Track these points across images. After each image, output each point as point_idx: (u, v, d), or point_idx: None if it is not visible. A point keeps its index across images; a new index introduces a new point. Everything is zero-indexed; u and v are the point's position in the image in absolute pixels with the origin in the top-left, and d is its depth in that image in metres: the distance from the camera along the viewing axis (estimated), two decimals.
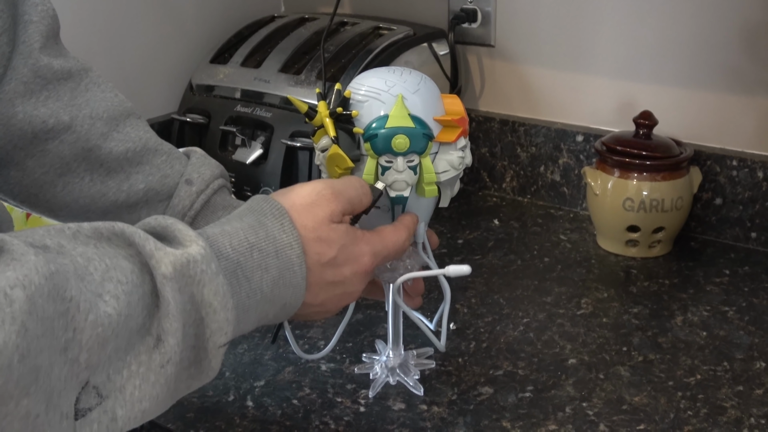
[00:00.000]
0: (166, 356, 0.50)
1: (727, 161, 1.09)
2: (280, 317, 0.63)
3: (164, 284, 0.50)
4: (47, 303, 0.43)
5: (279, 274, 0.59)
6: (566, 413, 0.76)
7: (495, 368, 0.84)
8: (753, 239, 1.09)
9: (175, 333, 0.50)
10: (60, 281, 0.44)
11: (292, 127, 1.12)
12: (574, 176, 1.22)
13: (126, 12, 1.22)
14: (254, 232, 0.59)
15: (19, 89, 0.69)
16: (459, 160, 0.73)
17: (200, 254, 0.52)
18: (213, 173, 0.79)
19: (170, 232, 0.54)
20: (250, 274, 0.57)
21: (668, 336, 0.89)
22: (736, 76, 1.08)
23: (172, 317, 0.50)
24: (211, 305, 0.53)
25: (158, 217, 0.55)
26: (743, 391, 0.79)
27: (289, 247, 0.60)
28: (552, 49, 1.22)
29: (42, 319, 0.43)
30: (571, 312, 0.94)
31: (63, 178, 0.74)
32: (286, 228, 0.60)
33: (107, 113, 0.75)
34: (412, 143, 0.69)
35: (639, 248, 1.07)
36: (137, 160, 0.76)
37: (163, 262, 0.51)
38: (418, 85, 0.71)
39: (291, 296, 0.61)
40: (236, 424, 0.76)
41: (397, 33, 1.20)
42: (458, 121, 0.71)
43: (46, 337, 0.43)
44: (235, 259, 0.57)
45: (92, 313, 0.46)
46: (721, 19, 1.07)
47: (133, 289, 0.49)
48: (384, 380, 0.81)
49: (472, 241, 1.13)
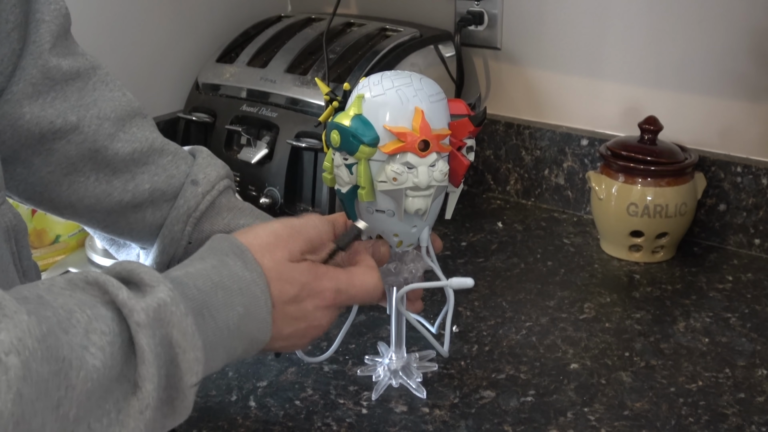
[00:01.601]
0: (144, 402, 0.50)
1: (731, 167, 1.09)
2: (250, 352, 0.62)
3: (138, 332, 0.50)
4: (41, 366, 0.43)
5: (245, 311, 0.60)
6: (568, 418, 0.77)
7: (497, 372, 0.84)
8: (756, 246, 1.10)
9: (152, 378, 0.50)
10: (53, 342, 0.44)
11: (297, 127, 1.13)
12: (579, 180, 1.22)
13: (133, 11, 1.22)
14: (217, 272, 0.59)
15: (27, 90, 0.69)
16: (394, 174, 0.69)
17: (169, 296, 0.53)
18: (219, 174, 0.79)
19: (136, 276, 0.54)
20: (216, 312, 0.58)
21: (670, 342, 0.89)
22: (741, 83, 1.09)
23: (148, 363, 0.50)
24: (180, 345, 0.53)
25: (123, 262, 0.56)
26: (745, 398, 0.80)
27: (254, 284, 0.60)
28: (558, 52, 1.22)
29: (36, 382, 0.43)
30: (573, 316, 0.94)
31: (68, 178, 0.74)
32: (249, 265, 0.61)
33: (114, 113, 0.75)
34: (343, 141, 0.70)
35: (642, 253, 1.07)
36: (143, 160, 0.76)
37: (135, 310, 0.51)
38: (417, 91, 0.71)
39: (258, 331, 0.61)
40: (239, 424, 0.77)
41: (403, 35, 1.20)
42: (399, 134, 0.69)
43: (41, 399, 0.44)
44: (201, 300, 0.57)
45: (83, 370, 0.46)
46: (726, 26, 1.07)
47: (114, 339, 0.49)
48: (387, 383, 0.81)
49: (476, 243, 1.13)
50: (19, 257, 0.67)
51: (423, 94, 0.70)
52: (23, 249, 0.68)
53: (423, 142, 0.68)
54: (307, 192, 1.13)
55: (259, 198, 1.15)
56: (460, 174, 0.73)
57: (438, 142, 0.69)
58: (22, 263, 0.68)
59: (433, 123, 0.69)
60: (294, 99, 1.15)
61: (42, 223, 1.09)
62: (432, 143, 0.69)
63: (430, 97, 0.70)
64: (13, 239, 0.66)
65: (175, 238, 0.77)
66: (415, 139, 0.68)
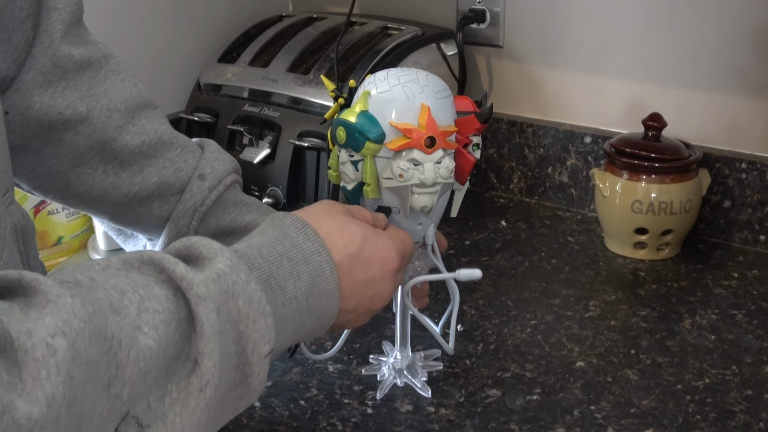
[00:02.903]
0: (203, 379, 0.49)
1: (736, 164, 1.09)
2: (317, 330, 0.62)
3: (198, 305, 0.49)
4: (89, 346, 0.42)
5: (311, 281, 0.59)
6: (574, 416, 0.76)
7: (503, 370, 0.83)
8: (762, 242, 1.09)
9: (211, 354, 0.49)
10: (99, 322, 0.44)
11: (299, 126, 1.12)
12: (582, 178, 1.21)
13: (135, 11, 1.22)
14: (281, 243, 0.59)
15: (37, 79, 0.69)
16: (400, 170, 0.69)
17: (228, 266, 0.52)
18: (226, 168, 0.79)
19: (195, 250, 0.54)
20: (284, 282, 0.57)
21: (676, 339, 0.89)
22: (745, 79, 1.08)
23: (206, 338, 0.49)
24: (249, 316, 0.52)
25: (183, 239, 0.55)
26: (752, 395, 0.79)
27: (317, 254, 0.60)
28: (561, 50, 1.21)
29: (85, 363, 0.42)
30: (578, 314, 0.94)
31: (76, 169, 0.74)
32: (310, 236, 0.61)
33: (125, 105, 0.74)
34: (348, 138, 0.69)
35: (647, 251, 1.07)
36: (151, 153, 0.76)
37: (195, 282, 0.50)
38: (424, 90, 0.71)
39: (326, 305, 0.61)
40: (243, 424, 0.76)
41: (405, 33, 1.20)
42: (405, 131, 0.69)
43: (91, 380, 0.43)
44: (267, 269, 0.57)
45: (134, 348, 0.45)
46: (730, 22, 1.07)
47: (170, 317, 0.48)
48: (391, 382, 0.81)
49: (480, 242, 1.13)
50: (27, 257, 0.67)
51: (429, 91, 0.69)
52: (31, 249, 0.68)
53: (429, 138, 0.68)
54: (310, 191, 1.13)
55: (261, 198, 1.14)
56: (466, 171, 0.73)
57: (444, 139, 0.69)
58: (29, 263, 0.68)
59: (439, 120, 0.69)
60: (296, 98, 1.15)
61: (44, 225, 1.09)
62: (438, 140, 0.69)
63: (436, 93, 0.70)
64: (21, 239, 0.66)
65: (180, 232, 0.77)
66: (421, 136, 0.68)
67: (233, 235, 0.78)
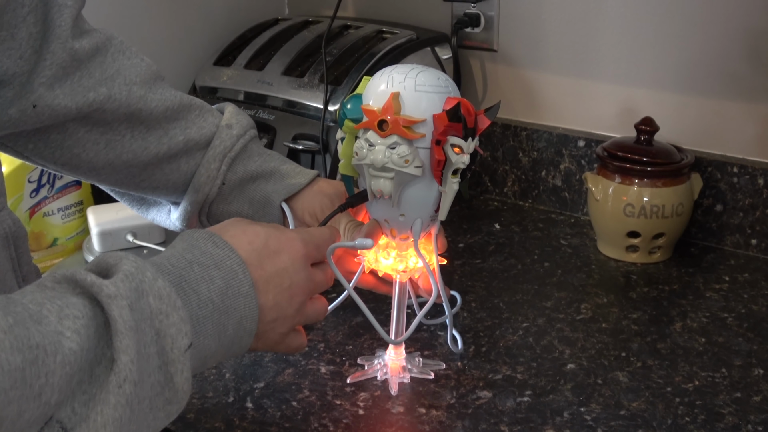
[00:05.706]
0: (121, 375, 0.50)
1: (727, 168, 1.10)
2: (243, 338, 0.62)
3: (110, 304, 0.51)
4: (12, 355, 0.44)
5: (225, 284, 0.60)
6: (564, 418, 0.77)
7: (494, 372, 0.84)
8: (753, 246, 1.10)
9: (127, 350, 0.50)
10: (20, 332, 0.45)
11: (294, 129, 1.13)
12: (576, 181, 1.22)
13: (130, 14, 1.23)
14: (189, 252, 0.60)
15: (58, 74, 0.72)
16: (356, 149, 0.74)
17: (133, 267, 0.54)
18: (249, 122, 0.87)
19: (102, 262, 0.55)
20: (196, 286, 0.58)
21: (667, 342, 0.89)
22: (737, 83, 1.09)
23: (121, 335, 0.50)
24: (161, 311, 0.53)
25: (92, 259, 0.57)
26: (741, 397, 0.80)
27: (228, 258, 0.61)
28: (554, 54, 1.22)
29: (8, 371, 0.43)
30: (570, 317, 0.95)
31: (105, 137, 0.78)
32: (218, 244, 0.62)
33: (139, 78, 0.79)
34: (339, 116, 0.76)
35: (639, 254, 1.08)
36: (174, 116, 0.82)
37: (104, 284, 0.51)
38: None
39: (244, 306, 0.61)
40: (235, 425, 0.77)
41: (400, 37, 1.21)
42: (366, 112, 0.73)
43: (16, 388, 0.44)
44: (177, 273, 0.58)
45: (59, 354, 0.46)
46: (722, 26, 1.08)
47: (89, 323, 0.50)
48: (399, 379, 0.81)
49: (473, 244, 1.14)
50: (18, 263, 0.68)
51: (411, 83, 0.72)
52: (23, 255, 0.68)
53: (381, 121, 0.71)
54: None
55: None
56: (433, 168, 0.73)
57: (400, 126, 0.71)
58: (21, 269, 0.68)
59: (410, 110, 0.72)
60: (291, 101, 1.15)
61: (39, 227, 1.09)
62: (392, 125, 0.71)
63: (418, 86, 0.72)
64: (12, 245, 0.67)
65: (210, 176, 0.82)
66: (376, 118, 0.71)
67: (260, 179, 0.85)
